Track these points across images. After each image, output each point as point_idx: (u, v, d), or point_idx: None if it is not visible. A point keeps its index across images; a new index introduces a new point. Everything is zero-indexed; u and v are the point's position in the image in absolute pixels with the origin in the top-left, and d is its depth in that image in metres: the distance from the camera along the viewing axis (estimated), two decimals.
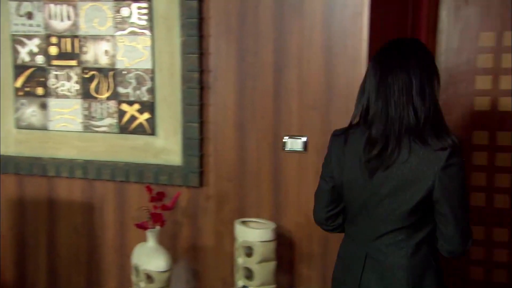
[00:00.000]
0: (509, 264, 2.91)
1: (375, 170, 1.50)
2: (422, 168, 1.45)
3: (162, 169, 2.35)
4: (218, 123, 2.30)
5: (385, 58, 1.51)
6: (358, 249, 1.60)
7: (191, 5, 2.19)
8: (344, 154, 1.59)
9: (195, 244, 2.37)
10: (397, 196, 1.49)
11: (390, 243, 1.54)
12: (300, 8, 2.11)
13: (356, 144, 1.55)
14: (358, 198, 1.56)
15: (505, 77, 2.88)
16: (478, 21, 2.86)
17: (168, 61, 2.28)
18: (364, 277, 1.57)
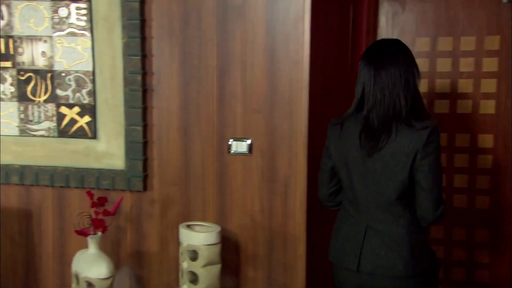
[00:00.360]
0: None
1: (373, 150, 1.74)
2: (408, 145, 1.70)
3: (104, 174, 2.30)
4: (162, 126, 2.27)
5: (377, 56, 1.79)
6: (358, 222, 1.80)
7: (133, 7, 2.16)
8: (340, 139, 1.83)
9: (139, 250, 2.33)
10: (391, 171, 1.73)
11: (388, 214, 1.75)
12: (243, 12, 2.13)
13: (352, 130, 1.80)
14: (357, 176, 1.78)
15: (440, 80, 3.02)
16: (414, 27, 2.99)
17: (109, 63, 2.23)
18: (366, 243, 1.77)
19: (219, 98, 2.20)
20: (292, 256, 2.17)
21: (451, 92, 3.00)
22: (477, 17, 2.90)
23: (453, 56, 2.95)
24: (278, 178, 2.16)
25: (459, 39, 2.94)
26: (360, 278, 1.78)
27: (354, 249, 1.78)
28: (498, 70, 2.92)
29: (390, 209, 1.75)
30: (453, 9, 2.93)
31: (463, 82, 2.95)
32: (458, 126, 3.01)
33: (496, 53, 2.92)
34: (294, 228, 2.15)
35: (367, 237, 1.77)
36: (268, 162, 2.17)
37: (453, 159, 3.03)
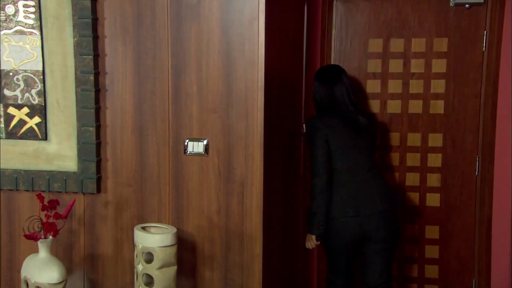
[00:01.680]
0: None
1: (357, 132, 2.59)
2: (369, 124, 2.66)
3: (55, 176, 2.23)
4: (116, 126, 2.23)
5: (328, 76, 2.71)
6: (355, 182, 2.56)
7: (84, 5, 2.11)
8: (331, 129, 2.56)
9: (93, 253, 2.28)
10: (366, 141, 2.63)
11: (373, 172, 2.61)
12: (198, 11, 2.12)
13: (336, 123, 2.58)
14: (350, 151, 2.56)
15: (392, 81, 3.10)
16: (367, 28, 3.06)
17: (60, 63, 2.17)
18: (367, 194, 2.55)
19: (174, 98, 2.18)
20: (248, 256, 2.18)
21: (402, 92, 3.08)
22: (427, 20, 3.00)
23: (404, 57, 3.04)
24: (235, 178, 2.17)
25: (410, 41, 3.03)
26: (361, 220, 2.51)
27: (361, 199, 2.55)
28: (446, 71, 3.03)
29: (373, 168, 2.63)
30: (404, 12, 3.02)
31: (414, 83, 3.04)
32: (410, 126, 3.10)
33: (444, 55, 3.02)
34: (251, 228, 2.16)
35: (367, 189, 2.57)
36: (224, 162, 2.17)
37: (405, 158, 3.12)
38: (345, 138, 2.57)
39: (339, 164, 2.55)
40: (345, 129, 2.58)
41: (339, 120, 2.60)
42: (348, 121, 2.61)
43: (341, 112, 2.62)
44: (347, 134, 2.58)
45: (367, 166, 2.59)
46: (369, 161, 2.62)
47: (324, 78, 2.70)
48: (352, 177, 2.56)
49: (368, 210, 2.51)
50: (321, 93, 2.67)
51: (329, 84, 2.65)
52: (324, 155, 2.52)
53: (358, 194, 2.54)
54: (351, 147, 2.57)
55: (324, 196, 2.49)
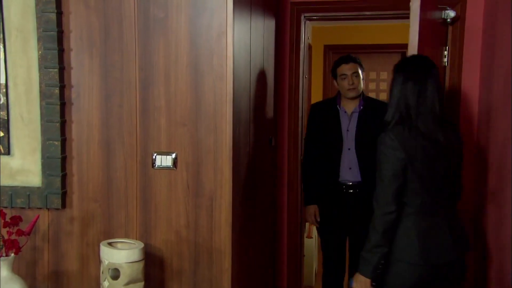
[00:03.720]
0: None
1: (440, 154, 2.06)
2: (455, 142, 2.14)
3: (18, 191, 2.17)
4: (82, 141, 2.20)
5: (419, 70, 2.08)
6: (429, 221, 2.10)
7: (49, 18, 2.08)
8: (412, 152, 2.03)
9: (57, 270, 2.22)
10: (450, 167, 2.12)
11: (450, 208, 2.19)
12: (165, 25, 2.12)
13: (417, 142, 2.02)
14: (429, 181, 2.07)
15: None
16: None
17: (24, 76, 2.13)
18: (440, 238, 2.13)
19: (142, 111, 2.16)
20: (217, 271, 2.16)
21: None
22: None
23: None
24: (204, 192, 2.15)
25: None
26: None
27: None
28: None
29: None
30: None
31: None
32: None
33: None
34: (220, 242, 2.15)
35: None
36: (193, 176, 2.16)
37: None
38: (426, 164, 2.03)
39: (413, 198, 2.07)
40: (427, 151, 2.02)
41: (421, 138, 2.01)
42: (431, 139, 2.03)
43: (422, 125, 2.03)
44: (428, 159, 2.03)
45: (444, 201, 2.11)
46: (448, 193, 2.12)
47: (414, 72, 2.07)
48: (425, 215, 2.09)
49: (439, 258, 2.08)
50: (407, 94, 2.05)
51: (420, 82, 2.04)
52: (399, 186, 2.04)
53: (429, 238, 2.08)
54: (431, 177, 2.05)
55: (389, 234, 2.06)
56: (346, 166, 3.14)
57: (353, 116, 3.14)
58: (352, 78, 3.09)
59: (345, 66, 3.10)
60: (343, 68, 3.11)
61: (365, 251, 2.11)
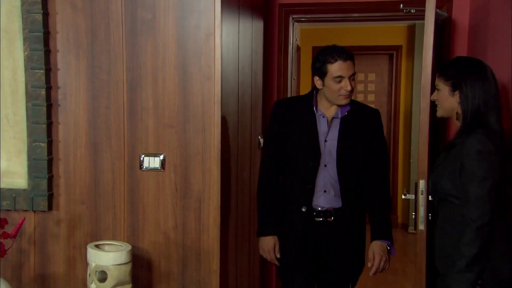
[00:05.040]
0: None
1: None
2: None
3: (4, 194, 2.15)
4: (68, 142, 2.18)
5: (482, 67, 1.97)
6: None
7: (35, 18, 2.06)
8: (500, 161, 1.88)
9: (44, 273, 2.20)
10: None
11: None
12: (153, 26, 2.11)
13: (498, 151, 1.88)
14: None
15: None
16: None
17: (9, 77, 2.11)
18: None
19: (129, 113, 2.15)
20: (205, 272, 2.15)
21: None
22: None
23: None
24: (192, 194, 2.15)
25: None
26: None
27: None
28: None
29: None
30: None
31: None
32: None
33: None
34: (208, 244, 2.14)
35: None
36: (181, 178, 2.15)
37: None
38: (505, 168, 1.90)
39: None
40: (505, 160, 1.88)
41: (496, 145, 1.87)
42: (503, 146, 1.89)
43: (498, 127, 1.91)
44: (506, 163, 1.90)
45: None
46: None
47: (481, 69, 1.95)
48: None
49: None
50: (476, 94, 1.92)
51: (489, 79, 1.93)
52: (497, 195, 1.86)
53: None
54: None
55: (486, 249, 1.85)
56: (321, 188, 2.35)
57: (334, 123, 2.36)
58: (349, 81, 2.30)
59: (342, 65, 2.27)
60: (339, 67, 2.27)
61: (458, 272, 1.85)
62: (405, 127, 5.67)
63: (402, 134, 5.73)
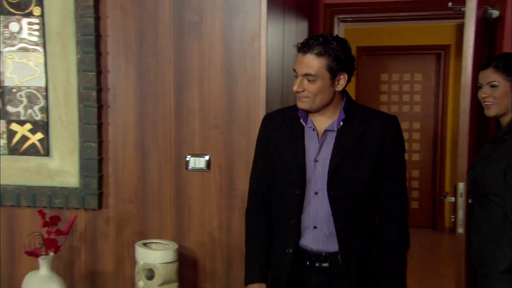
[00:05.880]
0: None
1: None
2: None
3: (57, 192, 2.23)
4: (118, 142, 2.24)
5: None
6: None
7: (87, 22, 2.13)
8: None
9: (94, 270, 2.27)
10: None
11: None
12: (199, 29, 2.14)
13: None
14: None
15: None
16: None
17: (63, 79, 2.19)
18: None
19: (176, 114, 2.19)
20: None
21: None
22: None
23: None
24: (236, 194, 2.16)
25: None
26: None
27: None
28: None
29: None
30: None
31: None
32: None
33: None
34: None
35: None
36: (226, 178, 2.17)
37: None
38: None
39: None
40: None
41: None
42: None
43: None
44: None
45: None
46: None
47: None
48: None
49: None
50: None
51: None
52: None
53: None
54: None
55: None
56: (309, 223, 1.78)
57: (328, 137, 1.79)
58: (301, 81, 1.74)
59: (299, 59, 1.75)
60: (297, 60, 1.76)
61: (502, 272, 1.82)
62: (453, 127, 5.50)
63: (450, 135, 5.57)
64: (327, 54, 1.70)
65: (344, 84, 1.76)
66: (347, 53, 1.74)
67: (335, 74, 1.73)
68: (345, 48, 1.74)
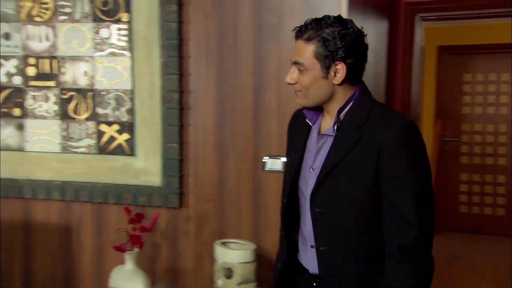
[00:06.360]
0: None
1: None
2: None
3: (141, 190, 2.33)
4: (198, 143, 2.30)
5: None
6: None
7: (171, 27, 2.21)
8: None
9: (174, 267, 2.34)
10: None
11: None
12: (278, 30, 2.15)
13: None
14: None
15: None
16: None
17: (147, 82, 2.28)
18: None
19: (254, 115, 2.21)
20: None
21: None
22: None
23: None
24: None
25: None
26: None
27: None
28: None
29: None
30: None
31: None
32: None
33: None
34: None
35: None
36: None
37: None
38: None
39: None
40: None
41: None
42: None
43: None
44: None
45: None
46: None
47: None
48: None
49: None
50: None
51: None
52: None
53: None
54: None
55: None
56: (307, 240, 1.57)
57: (326, 142, 1.53)
58: (293, 70, 1.53)
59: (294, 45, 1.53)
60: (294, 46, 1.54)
61: None
62: None
63: None
64: (315, 39, 1.45)
65: (343, 76, 1.45)
66: (344, 38, 1.43)
67: (327, 63, 1.44)
68: (341, 32, 1.44)
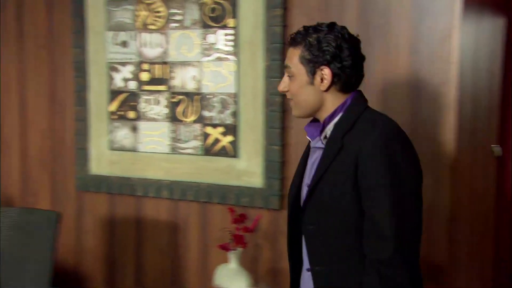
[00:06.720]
0: None
1: None
2: None
3: (243, 191, 2.38)
4: (298, 146, 2.29)
5: None
6: None
7: (275, 31, 2.24)
8: None
9: (275, 268, 2.37)
10: None
11: None
12: (385, 31, 2.09)
13: None
14: None
15: None
16: None
17: (251, 85, 2.33)
18: None
19: None
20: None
21: None
22: None
23: None
24: None
25: None
26: None
27: None
28: None
29: None
30: None
31: None
32: None
33: None
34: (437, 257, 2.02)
35: None
36: None
37: None
38: None
39: None
40: None
41: None
42: None
43: None
44: None
45: None
46: None
47: None
48: None
49: None
50: None
51: None
52: None
53: None
54: None
55: None
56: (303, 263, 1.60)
57: (318, 155, 1.52)
58: (285, 78, 1.54)
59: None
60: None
61: None
62: None
63: None
64: (302, 44, 1.46)
65: (329, 82, 1.43)
66: (329, 43, 1.42)
67: (311, 68, 1.43)
68: (326, 37, 1.43)
